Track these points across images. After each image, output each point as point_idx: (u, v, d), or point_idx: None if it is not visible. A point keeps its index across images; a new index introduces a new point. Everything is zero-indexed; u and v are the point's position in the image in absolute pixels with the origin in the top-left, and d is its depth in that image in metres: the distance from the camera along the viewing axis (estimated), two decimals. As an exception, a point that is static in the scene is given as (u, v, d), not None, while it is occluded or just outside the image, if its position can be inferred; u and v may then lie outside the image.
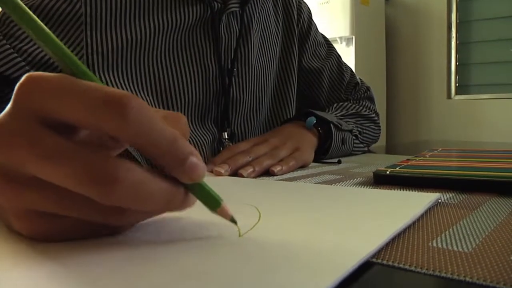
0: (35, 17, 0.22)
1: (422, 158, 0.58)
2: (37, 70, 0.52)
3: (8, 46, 0.50)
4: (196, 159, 0.22)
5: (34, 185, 0.21)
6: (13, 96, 0.21)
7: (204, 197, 0.23)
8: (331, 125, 0.67)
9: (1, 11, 0.52)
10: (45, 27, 0.22)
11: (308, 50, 0.85)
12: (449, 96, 2.86)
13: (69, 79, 0.21)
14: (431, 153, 0.65)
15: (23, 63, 0.51)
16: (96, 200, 0.20)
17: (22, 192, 0.21)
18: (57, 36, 0.53)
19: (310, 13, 0.88)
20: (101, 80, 0.55)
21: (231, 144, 0.67)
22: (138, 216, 0.23)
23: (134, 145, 0.21)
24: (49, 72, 0.55)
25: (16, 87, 0.21)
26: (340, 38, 2.63)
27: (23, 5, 0.22)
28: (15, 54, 0.50)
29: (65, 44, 0.54)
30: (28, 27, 0.21)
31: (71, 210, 0.21)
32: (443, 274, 0.20)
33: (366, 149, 0.83)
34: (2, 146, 0.20)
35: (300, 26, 0.84)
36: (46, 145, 0.20)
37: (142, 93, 0.59)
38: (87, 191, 0.20)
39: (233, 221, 0.24)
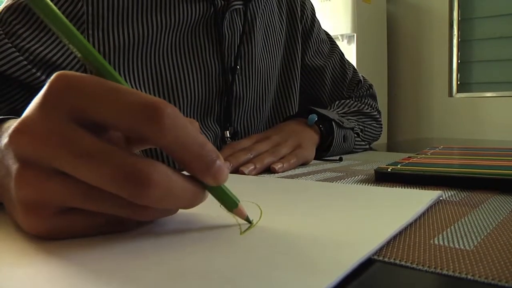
0: (65, 18, 0.22)
1: (423, 155, 0.58)
2: (39, 69, 0.52)
3: (9, 44, 0.50)
4: (221, 162, 0.23)
5: (62, 179, 0.21)
6: (43, 93, 0.21)
7: (223, 197, 0.25)
8: (333, 122, 0.67)
9: (2, 9, 0.52)
10: (74, 28, 0.22)
11: (311, 47, 0.85)
12: (450, 94, 2.86)
13: (104, 82, 0.22)
14: (432, 150, 0.65)
15: (24, 62, 0.50)
16: (127, 199, 0.21)
17: (49, 184, 0.21)
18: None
19: (314, 10, 0.88)
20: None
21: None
22: (162, 212, 0.24)
23: (166, 148, 0.22)
24: (52, 70, 0.55)
25: (47, 85, 0.21)
26: (342, 35, 2.63)
27: (54, 7, 0.22)
28: (17, 53, 0.50)
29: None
30: (58, 29, 0.22)
31: (97, 205, 0.22)
32: (444, 272, 0.20)
33: (367, 146, 0.82)
34: (34, 139, 0.21)
35: (303, 23, 0.83)
36: (81, 144, 0.20)
37: (144, 91, 0.59)
38: (121, 191, 0.20)
39: (248, 220, 0.26)
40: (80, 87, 0.21)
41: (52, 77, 0.21)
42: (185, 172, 0.23)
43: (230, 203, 0.25)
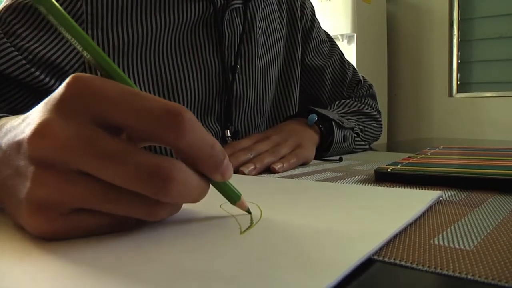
0: (75, 23, 0.23)
1: (423, 155, 0.58)
2: (38, 68, 0.52)
3: (8, 44, 0.50)
4: (227, 161, 0.25)
5: (82, 180, 0.21)
6: (61, 96, 0.22)
7: (227, 191, 0.27)
8: (333, 122, 0.67)
9: (1, 9, 0.52)
10: (84, 32, 0.23)
11: (311, 47, 0.85)
12: (450, 94, 2.86)
13: (122, 86, 0.22)
14: (432, 150, 0.65)
15: (24, 62, 0.50)
16: (150, 196, 0.22)
17: (69, 185, 0.21)
18: (59, 35, 0.53)
19: (314, 10, 0.88)
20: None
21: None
22: (174, 208, 0.25)
23: (182, 150, 0.23)
24: (51, 70, 0.55)
25: (64, 88, 0.22)
26: (342, 35, 2.63)
27: (64, 11, 0.22)
28: (16, 53, 0.50)
29: (66, 42, 0.53)
30: (70, 33, 0.22)
31: (116, 206, 0.22)
32: (444, 272, 0.20)
33: (367, 146, 0.82)
34: (55, 143, 0.21)
35: (303, 23, 0.83)
36: (103, 145, 0.21)
37: (145, 91, 0.59)
38: (144, 188, 0.21)
39: (249, 212, 0.28)
40: (99, 91, 0.22)
41: (69, 80, 0.22)
42: None
43: (233, 196, 0.27)
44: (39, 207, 0.22)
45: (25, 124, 0.23)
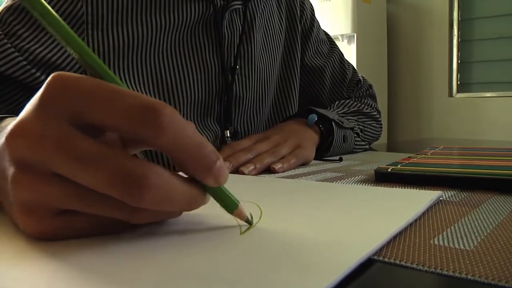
0: (61, 19, 0.22)
1: (423, 156, 0.58)
2: (38, 69, 0.52)
3: (9, 45, 0.50)
4: (221, 163, 0.23)
5: (58, 182, 0.21)
6: (40, 95, 0.21)
7: (223, 199, 0.25)
8: (333, 122, 0.67)
9: (1, 10, 0.52)
10: (70, 29, 0.22)
11: (311, 48, 0.85)
12: (450, 94, 2.86)
13: (102, 83, 0.21)
14: (432, 151, 0.65)
15: (24, 62, 0.50)
16: (124, 202, 0.20)
17: (45, 187, 0.21)
18: None
19: (313, 11, 0.88)
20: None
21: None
22: (160, 215, 0.24)
23: (164, 150, 0.22)
24: (51, 71, 0.55)
25: (44, 86, 0.21)
26: (342, 35, 2.63)
27: (50, 8, 0.22)
28: (16, 53, 0.50)
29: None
30: (55, 30, 0.22)
31: (93, 207, 0.22)
32: (444, 272, 0.20)
33: (367, 147, 0.82)
34: (30, 143, 0.21)
35: (303, 23, 0.83)
36: (78, 147, 0.20)
37: (144, 91, 0.59)
38: (117, 194, 0.20)
39: (249, 222, 0.26)
40: (77, 89, 0.21)
41: (49, 78, 0.21)
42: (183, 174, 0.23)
43: (230, 204, 0.25)
44: (27, 208, 0.21)
45: (11, 125, 0.23)
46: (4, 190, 0.23)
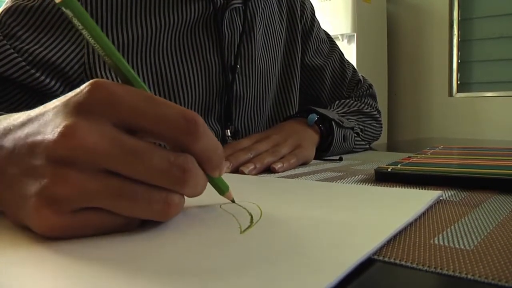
0: (99, 28, 0.24)
1: (423, 155, 0.58)
2: (38, 69, 0.52)
3: (8, 46, 0.50)
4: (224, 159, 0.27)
5: (103, 178, 0.23)
6: (84, 99, 0.23)
7: (217, 184, 0.30)
8: (333, 122, 0.67)
9: (1, 12, 0.52)
10: (106, 38, 0.25)
11: (311, 47, 0.85)
12: (450, 93, 2.85)
13: (141, 93, 0.24)
14: (432, 150, 0.65)
15: (23, 63, 0.50)
16: (169, 188, 0.24)
17: (89, 183, 0.22)
18: (58, 37, 0.53)
19: (313, 10, 0.88)
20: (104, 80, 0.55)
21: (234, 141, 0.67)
22: (180, 207, 0.26)
23: (196, 152, 0.25)
24: (51, 71, 0.54)
25: (87, 91, 0.23)
26: (342, 35, 2.63)
27: (86, 13, 0.24)
28: (16, 54, 0.50)
29: (66, 44, 0.53)
30: (92, 36, 0.24)
31: (133, 201, 0.23)
32: (444, 272, 0.20)
33: (367, 146, 0.82)
34: (83, 145, 0.22)
35: (303, 22, 0.83)
36: (129, 143, 0.23)
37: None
38: (167, 180, 0.24)
39: (233, 201, 0.31)
40: (120, 97, 0.23)
41: (91, 86, 0.23)
42: None
43: (223, 188, 0.30)
44: (49, 202, 0.22)
45: (38, 125, 0.23)
46: (18, 188, 0.23)
